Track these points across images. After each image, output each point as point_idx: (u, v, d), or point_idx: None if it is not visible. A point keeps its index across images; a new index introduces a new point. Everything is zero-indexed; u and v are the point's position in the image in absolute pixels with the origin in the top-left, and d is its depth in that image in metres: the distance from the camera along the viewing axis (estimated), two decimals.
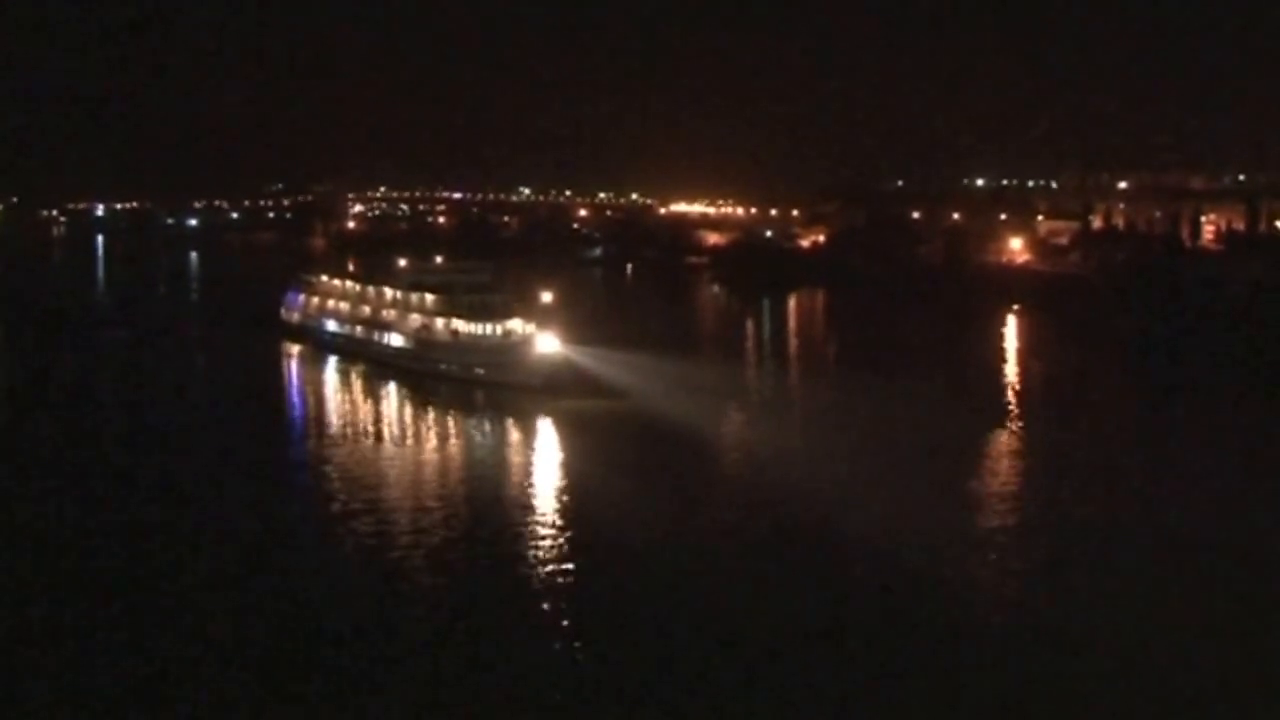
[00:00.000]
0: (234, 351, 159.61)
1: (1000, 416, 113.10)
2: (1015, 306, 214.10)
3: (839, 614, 59.84)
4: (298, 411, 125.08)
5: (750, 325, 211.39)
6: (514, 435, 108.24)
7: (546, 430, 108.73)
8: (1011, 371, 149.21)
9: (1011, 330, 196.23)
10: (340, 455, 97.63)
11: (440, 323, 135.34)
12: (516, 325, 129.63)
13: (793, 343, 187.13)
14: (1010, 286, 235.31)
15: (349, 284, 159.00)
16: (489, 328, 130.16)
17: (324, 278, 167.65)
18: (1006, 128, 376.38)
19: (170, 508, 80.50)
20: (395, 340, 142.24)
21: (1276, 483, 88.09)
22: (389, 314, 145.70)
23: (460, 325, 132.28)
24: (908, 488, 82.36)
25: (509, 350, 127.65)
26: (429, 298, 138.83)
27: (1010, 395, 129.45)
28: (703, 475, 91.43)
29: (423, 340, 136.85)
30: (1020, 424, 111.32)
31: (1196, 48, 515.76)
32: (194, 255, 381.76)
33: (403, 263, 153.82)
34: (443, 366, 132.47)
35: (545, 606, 62.46)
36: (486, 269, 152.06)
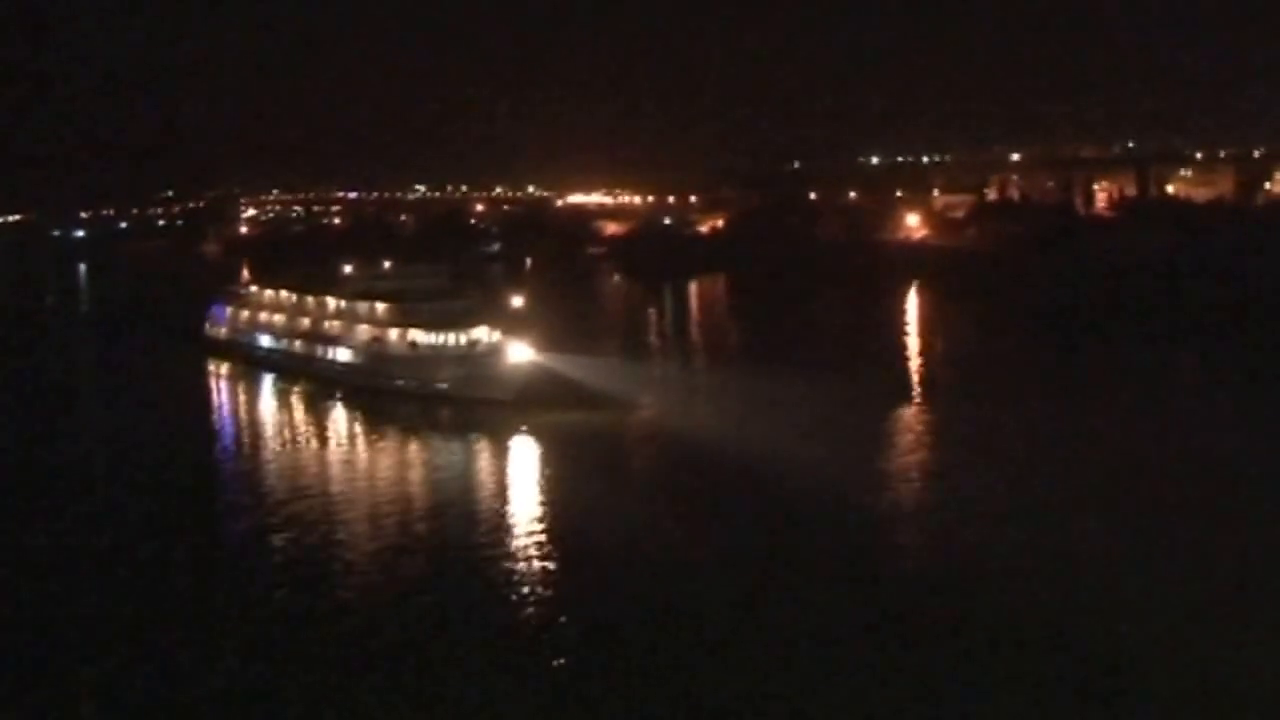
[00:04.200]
0: (154, 373, 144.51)
1: (921, 393, 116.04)
2: (915, 282, 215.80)
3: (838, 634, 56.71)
4: (234, 439, 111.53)
5: (691, 318, 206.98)
6: (489, 457, 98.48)
7: (528, 449, 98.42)
8: (921, 347, 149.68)
9: (912, 306, 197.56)
10: (286, 486, 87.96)
11: (395, 334, 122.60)
12: (482, 334, 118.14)
13: (735, 335, 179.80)
14: (909, 262, 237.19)
15: (284, 294, 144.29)
16: (452, 337, 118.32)
17: (253, 288, 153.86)
18: (899, 105, 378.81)
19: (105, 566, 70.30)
20: (342, 355, 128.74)
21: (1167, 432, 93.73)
22: (333, 326, 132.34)
23: (419, 336, 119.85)
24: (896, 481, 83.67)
25: (476, 361, 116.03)
26: (380, 306, 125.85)
27: (925, 371, 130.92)
28: (720, 494, 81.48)
29: (375, 354, 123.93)
30: (942, 398, 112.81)
31: (1083, 16, 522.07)
32: (82, 267, 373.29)
33: (348, 269, 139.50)
34: (400, 382, 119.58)
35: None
36: (441, 273, 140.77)
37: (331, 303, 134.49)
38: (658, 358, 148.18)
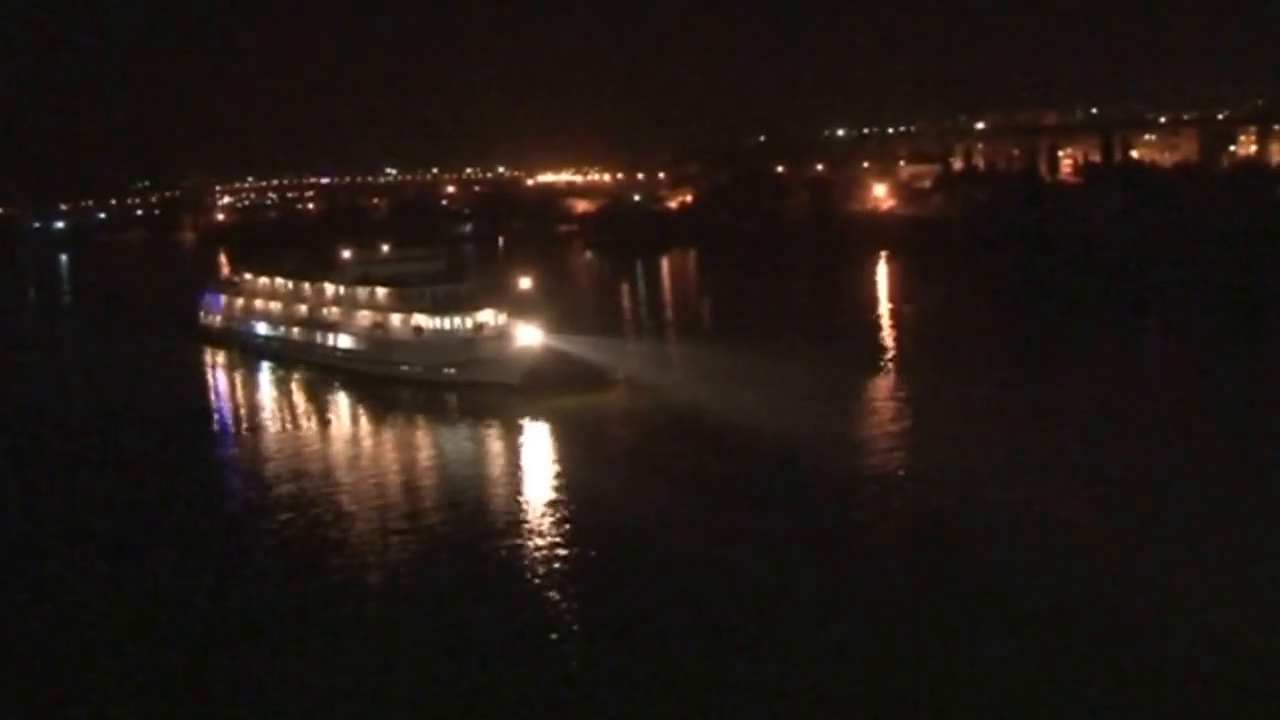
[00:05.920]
0: (150, 363, 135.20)
1: (900, 364, 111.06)
2: (884, 252, 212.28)
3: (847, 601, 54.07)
4: (237, 428, 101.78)
5: (668, 294, 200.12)
6: (501, 443, 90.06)
7: (541, 435, 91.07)
8: (894, 317, 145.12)
9: (883, 276, 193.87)
10: (292, 474, 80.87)
11: (397, 319, 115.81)
12: (488, 317, 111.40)
13: (718, 310, 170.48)
14: (877, 232, 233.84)
15: (279, 281, 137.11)
16: (457, 321, 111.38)
17: (248, 275, 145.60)
18: (863, 77, 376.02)
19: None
20: (343, 341, 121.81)
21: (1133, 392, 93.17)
22: (331, 312, 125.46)
23: (423, 321, 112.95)
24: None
25: (483, 345, 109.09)
26: (380, 292, 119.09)
27: (900, 341, 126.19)
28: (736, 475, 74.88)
29: (378, 340, 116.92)
30: (920, 369, 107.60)
31: None
32: (64, 258, 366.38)
33: (346, 254, 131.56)
34: (404, 368, 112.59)
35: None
36: (439, 256, 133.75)
37: (329, 289, 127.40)
38: (651, 336, 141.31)
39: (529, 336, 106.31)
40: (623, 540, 63.12)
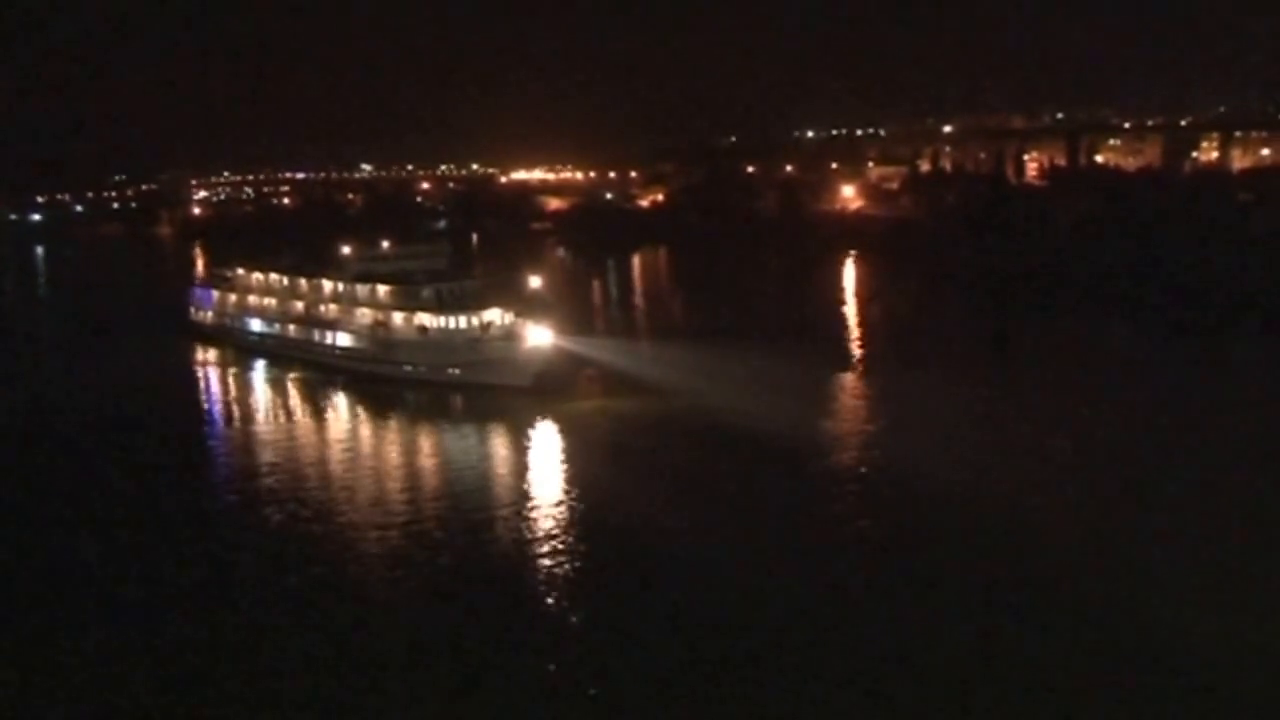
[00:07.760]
0: (141, 361, 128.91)
1: (872, 364, 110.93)
2: (852, 252, 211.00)
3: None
4: (234, 430, 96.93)
5: (640, 293, 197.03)
6: (506, 447, 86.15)
7: (551, 440, 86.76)
8: (866, 317, 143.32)
9: (851, 276, 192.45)
10: (295, 480, 77.57)
11: (400, 317, 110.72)
12: (496, 316, 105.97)
13: (696, 308, 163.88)
14: (846, 233, 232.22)
15: (274, 276, 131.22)
16: (463, 321, 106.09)
17: (241, 270, 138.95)
18: (833, 80, 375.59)
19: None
20: (342, 339, 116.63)
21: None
22: (330, 309, 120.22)
23: (428, 319, 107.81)
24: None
25: (490, 346, 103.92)
26: (382, 289, 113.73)
27: (873, 341, 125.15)
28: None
29: (380, 339, 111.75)
30: (894, 368, 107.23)
31: None
32: (40, 251, 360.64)
33: (346, 250, 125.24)
34: (407, 368, 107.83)
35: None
36: (441, 252, 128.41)
37: (328, 285, 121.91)
38: (645, 337, 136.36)
39: (539, 337, 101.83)
40: (629, 545, 61.36)
